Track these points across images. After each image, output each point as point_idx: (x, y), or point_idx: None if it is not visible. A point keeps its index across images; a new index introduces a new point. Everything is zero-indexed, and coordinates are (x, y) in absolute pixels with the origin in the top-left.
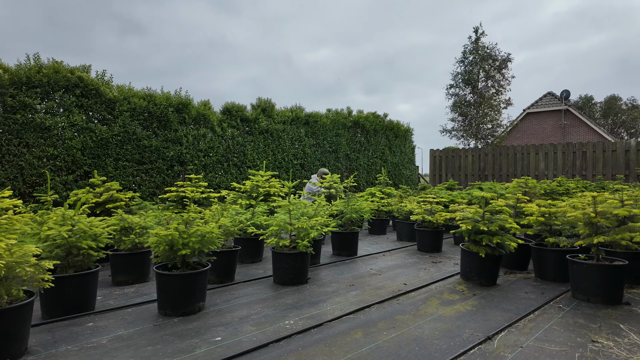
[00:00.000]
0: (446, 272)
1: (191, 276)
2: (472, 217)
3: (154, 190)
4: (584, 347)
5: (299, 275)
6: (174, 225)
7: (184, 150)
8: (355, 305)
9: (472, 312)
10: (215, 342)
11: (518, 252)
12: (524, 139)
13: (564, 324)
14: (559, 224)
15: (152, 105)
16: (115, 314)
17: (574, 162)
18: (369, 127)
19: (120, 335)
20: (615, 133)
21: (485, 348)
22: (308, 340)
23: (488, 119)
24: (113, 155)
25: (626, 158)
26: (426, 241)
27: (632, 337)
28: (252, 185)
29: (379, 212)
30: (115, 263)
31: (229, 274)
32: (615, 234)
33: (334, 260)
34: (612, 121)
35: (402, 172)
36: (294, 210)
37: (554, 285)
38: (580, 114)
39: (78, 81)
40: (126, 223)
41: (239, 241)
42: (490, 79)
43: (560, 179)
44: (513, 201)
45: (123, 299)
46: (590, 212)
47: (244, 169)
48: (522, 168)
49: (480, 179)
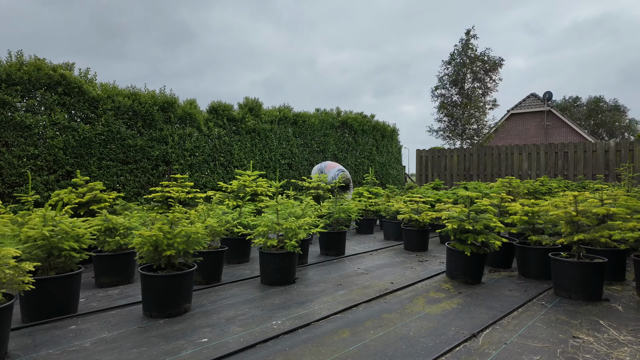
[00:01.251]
0: (432, 271)
1: (177, 277)
2: (458, 216)
3: (138, 190)
4: (565, 343)
5: (286, 276)
6: (158, 225)
7: (169, 149)
8: (342, 304)
9: (458, 310)
10: (201, 343)
11: (502, 250)
12: (508, 140)
13: (547, 321)
14: (541, 222)
15: (137, 104)
16: (98, 317)
17: (556, 162)
18: (357, 127)
19: (104, 338)
20: (596, 134)
21: (471, 345)
22: (295, 340)
23: (474, 120)
24: (96, 154)
25: (606, 158)
26: (413, 240)
27: (612, 333)
28: (239, 185)
29: (366, 212)
30: (98, 264)
31: (216, 274)
32: (595, 232)
33: (321, 260)
34: (594, 122)
35: (389, 172)
36: (281, 211)
37: (537, 283)
38: (562, 115)
39: (60, 79)
40: (110, 224)
41: (226, 241)
42: (477, 81)
43: (543, 178)
44: (497, 200)
45: (107, 301)
46: (572, 211)
47: (230, 168)
48: (506, 168)
49: (466, 179)
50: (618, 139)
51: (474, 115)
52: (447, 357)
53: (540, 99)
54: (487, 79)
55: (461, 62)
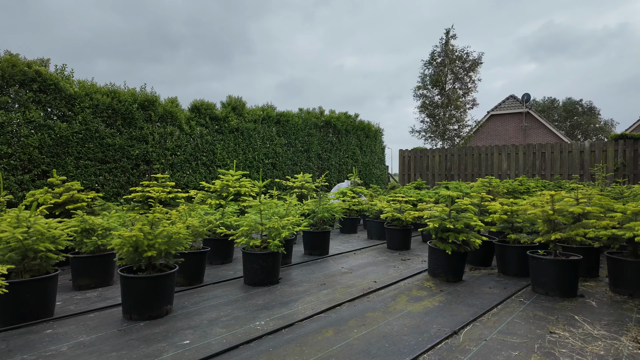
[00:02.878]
0: (415, 269)
1: (158, 278)
2: (439, 215)
3: (118, 190)
4: (542, 339)
5: (270, 276)
6: (139, 226)
7: (150, 148)
8: (326, 304)
9: (440, 308)
10: (183, 345)
11: (482, 248)
12: (488, 140)
13: (525, 317)
14: (520, 221)
15: (116, 102)
16: (76, 320)
17: (534, 162)
18: (341, 127)
19: (82, 341)
20: (572, 135)
21: (452, 342)
22: (279, 340)
23: (454, 120)
24: (74, 153)
25: (581, 159)
26: (396, 239)
27: (586, 328)
28: (222, 185)
29: (350, 211)
30: (76, 266)
31: (198, 275)
32: (571, 230)
33: (305, 260)
34: (570, 124)
35: (373, 172)
36: (265, 210)
37: (516, 280)
38: (540, 116)
39: (35, 75)
40: (88, 224)
41: (208, 242)
42: (458, 81)
43: (521, 178)
44: (478, 200)
45: (85, 303)
46: (549, 210)
47: (213, 168)
48: (486, 168)
49: (447, 179)
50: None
51: (455, 115)
52: (429, 354)
53: (519, 100)
54: (467, 79)
55: (441, 63)
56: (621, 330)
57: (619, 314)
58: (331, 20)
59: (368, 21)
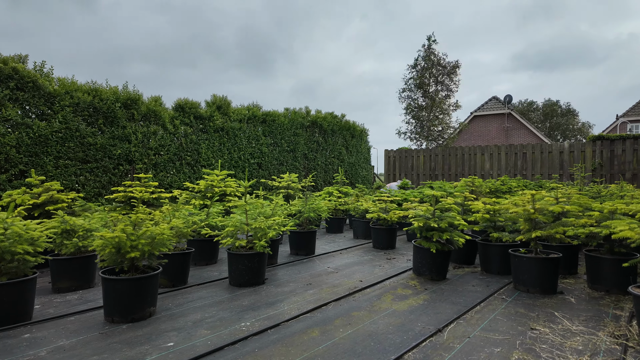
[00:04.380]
0: (400, 268)
1: (141, 280)
2: (424, 214)
3: (99, 190)
4: (524, 335)
5: (256, 276)
6: (121, 226)
7: (132, 148)
8: (312, 304)
9: (424, 306)
10: (167, 347)
11: (466, 247)
12: (471, 141)
13: (507, 314)
14: (502, 220)
15: (98, 100)
16: (56, 323)
17: (515, 162)
18: (327, 127)
19: (62, 345)
20: (552, 136)
21: (436, 340)
22: (265, 341)
23: (438, 122)
24: (53, 153)
25: (560, 159)
26: (381, 239)
27: (565, 324)
28: (206, 185)
29: (336, 211)
30: (55, 268)
31: (182, 277)
32: (551, 228)
33: (291, 260)
34: (549, 124)
35: (359, 172)
36: (250, 211)
37: (498, 278)
38: (521, 117)
39: (12, 72)
40: (68, 225)
41: (193, 243)
42: (439, 84)
43: (503, 178)
44: (461, 199)
45: (65, 306)
46: (530, 209)
47: (197, 168)
48: (469, 168)
49: (431, 178)
50: (571, 141)
51: (438, 117)
52: (414, 352)
53: (502, 102)
54: (448, 81)
55: (424, 67)
56: (598, 325)
57: (597, 310)
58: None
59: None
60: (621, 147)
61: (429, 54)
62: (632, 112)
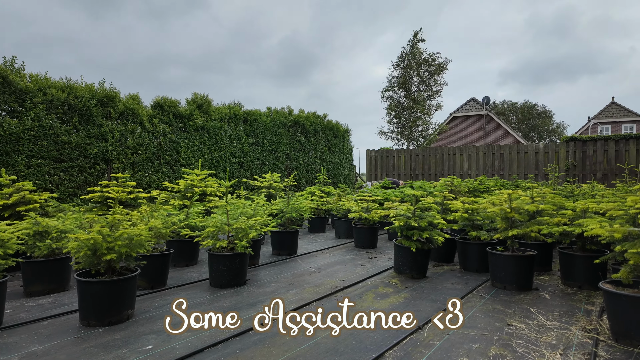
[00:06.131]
0: (381, 267)
1: (118, 282)
2: (405, 214)
3: (74, 190)
4: (500, 331)
5: (237, 277)
6: (97, 228)
7: (109, 147)
8: (294, 303)
9: (405, 304)
10: (145, 351)
11: (445, 246)
12: (451, 141)
13: (485, 311)
14: (480, 219)
15: (73, 98)
16: (28, 328)
17: (493, 162)
18: (309, 126)
19: (35, 351)
20: (528, 137)
21: (417, 337)
22: (246, 342)
23: (419, 122)
24: (25, 152)
25: (536, 159)
26: (363, 238)
27: (540, 319)
28: (186, 185)
29: (318, 211)
30: (28, 271)
31: (161, 278)
32: (526, 227)
33: (273, 260)
34: (526, 126)
35: (341, 172)
36: (232, 211)
37: (477, 276)
38: (499, 118)
39: None
40: (41, 227)
41: (172, 244)
42: (423, 84)
43: (481, 178)
44: (440, 199)
45: (38, 310)
46: (506, 208)
47: (177, 167)
48: (448, 168)
49: (412, 178)
50: (546, 141)
51: (420, 117)
52: (395, 350)
53: (480, 103)
54: (432, 82)
55: (408, 65)
56: (571, 320)
57: (570, 305)
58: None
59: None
60: (593, 148)
61: (413, 51)
62: (602, 115)
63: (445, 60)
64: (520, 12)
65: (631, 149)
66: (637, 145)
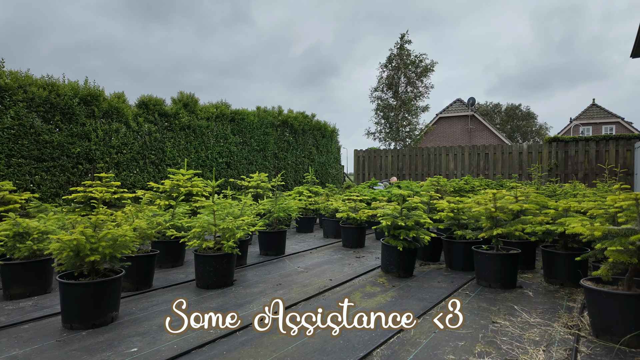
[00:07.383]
0: (368, 266)
1: (101, 284)
2: (392, 213)
3: (56, 190)
4: (485, 328)
5: (224, 278)
6: (80, 228)
7: (93, 146)
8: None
9: (392, 303)
10: (130, 353)
11: (431, 245)
12: (437, 141)
13: (470, 309)
14: (465, 218)
15: (55, 96)
16: (7, 332)
17: (478, 162)
18: (298, 126)
19: (15, 355)
20: (512, 137)
21: (403, 336)
22: (233, 343)
23: (407, 123)
24: (5, 151)
25: (520, 159)
26: (351, 237)
27: (524, 317)
28: (172, 185)
29: (306, 211)
30: (7, 274)
31: (146, 280)
32: (511, 226)
33: (261, 260)
34: (510, 127)
35: (329, 171)
36: (218, 211)
37: (462, 274)
38: (484, 119)
39: None
40: (21, 228)
41: (158, 244)
42: (410, 85)
43: (467, 177)
44: (427, 198)
45: (18, 314)
46: (491, 207)
47: (162, 167)
48: (435, 168)
49: (399, 178)
50: (530, 142)
51: (407, 118)
52: (382, 348)
53: (465, 104)
54: (419, 83)
55: (396, 66)
56: (554, 317)
57: (552, 303)
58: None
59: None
60: (574, 149)
61: (400, 53)
62: (583, 116)
63: (431, 62)
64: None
65: (611, 150)
66: (616, 146)
